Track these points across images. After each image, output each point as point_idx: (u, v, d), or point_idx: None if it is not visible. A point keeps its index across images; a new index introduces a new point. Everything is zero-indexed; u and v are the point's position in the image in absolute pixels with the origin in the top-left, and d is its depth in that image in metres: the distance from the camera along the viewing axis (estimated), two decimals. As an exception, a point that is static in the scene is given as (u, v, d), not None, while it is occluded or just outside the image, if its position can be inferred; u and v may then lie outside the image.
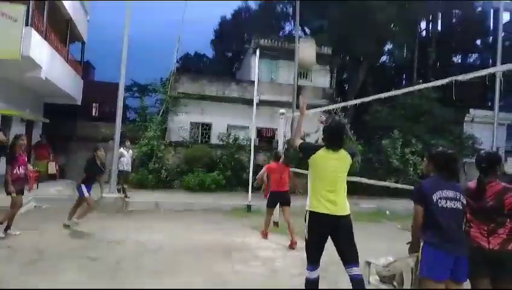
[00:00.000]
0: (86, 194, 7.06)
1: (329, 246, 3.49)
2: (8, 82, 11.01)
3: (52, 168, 13.52)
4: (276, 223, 8.25)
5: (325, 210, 3.36)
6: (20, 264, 4.84)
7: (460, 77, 4.31)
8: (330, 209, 3.36)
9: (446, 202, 2.86)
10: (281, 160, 7.20)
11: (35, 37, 9.59)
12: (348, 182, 3.62)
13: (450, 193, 2.88)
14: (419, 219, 2.93)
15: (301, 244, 6.41)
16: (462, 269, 2.81)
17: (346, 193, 3.53)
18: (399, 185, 7.25)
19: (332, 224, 3.37)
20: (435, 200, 2.86)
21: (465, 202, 2.92)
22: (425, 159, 3.34)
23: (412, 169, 14.43)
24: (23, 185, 6.45)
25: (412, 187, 3.68)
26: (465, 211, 2.96)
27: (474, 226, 2.96)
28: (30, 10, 9.47)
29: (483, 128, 18.55)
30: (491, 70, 4.64)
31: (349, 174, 3.70)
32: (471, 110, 19.98)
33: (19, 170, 6.25)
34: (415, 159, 14.45)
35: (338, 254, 3.45)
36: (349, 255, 3.38)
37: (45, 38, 10.58)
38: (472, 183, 3.08)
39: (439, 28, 28.44)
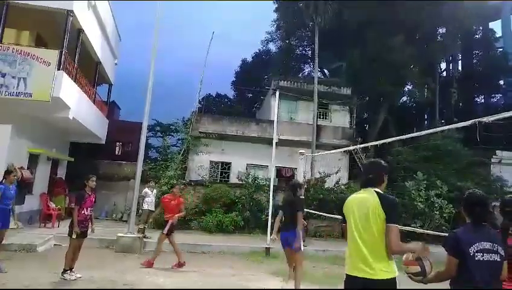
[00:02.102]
0: None
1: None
2: (37, 121, 11.48)
3: (68, 204, 13.70)
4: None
5: (353, 272, 2.72)
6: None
7: (485, 119, 4.19)
8: (360, 271, 2.68)
9: (483, 255, 2.63)
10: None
11: (66, 80, 10.07)
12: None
13: (487, 245, 2.67)
14: (452, 271, 2.69)
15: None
16: None
17: (383, 250, 2.68)
18: (425, 231, 6.94)
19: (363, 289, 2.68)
20: (471, 254, 2.63)
21: (503, 253, 2.69)
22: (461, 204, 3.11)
23: (437, 213, 13.84)
24: (86, 227, 6.41)
25: (439, 233, 3.43)
26: (503, 263, 2.73)
27: (507, 279, 2.81)
28: (63, 55, 10.01)
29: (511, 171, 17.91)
30: (515, 112, 4.53)
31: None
32: (498, 152, 19.36)
33: (86, 211, 6.30)
34: (441, 202, 13.89)
35: None
36: None
37: (75, 81, 11.09)
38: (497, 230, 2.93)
39: (459, 68, 28.47)
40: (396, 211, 2.84)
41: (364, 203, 2.80)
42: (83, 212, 6.21)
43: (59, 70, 9.78)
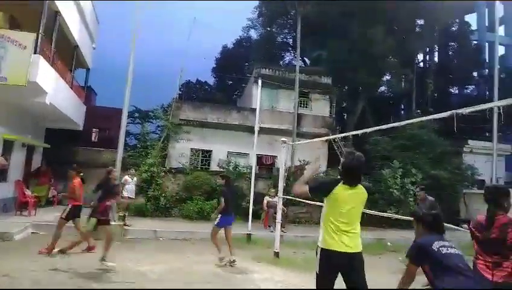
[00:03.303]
0: None
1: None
2: (11, 107, 11.09)
3: (52, 193, 13.51)
4: (276, 254, 8.15)
5: (339, 248, 3.22)
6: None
7: (461, 111, 4.36)
8: (345, 247, 3.22)
9: (448, 249, 2.79)
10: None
11: (43, 64, 9.74)
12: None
13: (446, 243, 2.84)
14: (413, 276, 2.86)
15: (303, 278, 6.35)
16: None
17: (359, 229, 3.39)
18: (399, 216, 7.23)
19: (345, 262, 3.22)
20: (436, 249, 2.78)
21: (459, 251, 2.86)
22: (412, 221, 3.29)
23: (412, 199, 14.36)
24: (108, 216, 6.73)
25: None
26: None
27: (480, 258, 2.97)
28: (39, 38, 9.68)
29: (482, 159, 18.70)
30: (490, 105, 4.76)
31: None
32: (470, 141, 20.15)
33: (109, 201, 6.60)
34: (415, 190, 14.39)
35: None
36: None
37: (52, 65, 10.76)
38: (481, 217, 3.12)
39: (436, 59, 29.19)
40: None
41: (361, 198, 3.43)
42: (106, 203, 6.47)
43: (35, 54, 9.46)
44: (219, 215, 7.38)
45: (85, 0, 14.13)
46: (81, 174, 7.88)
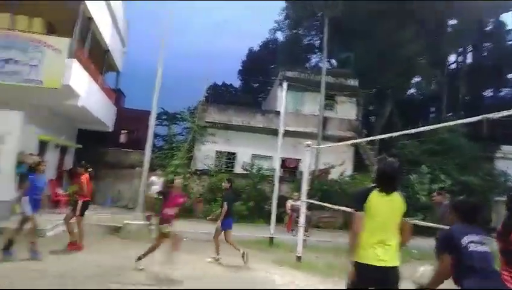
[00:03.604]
0: None
1: None
2: (46, 109, 11.65)
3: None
4: (298, 258, 8.13)
5: (373, 262, 3.00)
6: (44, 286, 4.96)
7: (492, 115, 4.20)
8: (379, 260, 3.00)
9: (476, 245, 2.79)
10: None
11: (76, 68, 10.18)
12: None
13: (477, 237, 2.83)
14: (447, 269, 2.84)
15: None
16: None
17: (397, 241, 3.14)
18: (426, 223, 7.02)
19: (379, 277, 3.01)
20: (464, 244, 2.79)
21: (491, 245, 2.87)
22: (449, 209, 3.29)
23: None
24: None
25: (441, 225, 3.54)
26: (493, 254, 2.88)
27: (503, 269, 2.88)
28: (74, 43, 10.12)
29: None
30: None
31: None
32: (503, 147, 19.32)
33: (170, 210, 6.38)
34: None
35: None
36: None
37: (84, 69, 11.21)
38: (500, 225, 3.04)
39: (469, 60, 28.16)
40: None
41: (395, 205, 3.17)
42: (168, 212, 6.32)
43: (69, 58, 9.90)
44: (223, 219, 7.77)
45: (117, 5, 14.62)
46: (90, 170, 8.12)
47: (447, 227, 3.16)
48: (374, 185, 3.23)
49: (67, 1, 10.68)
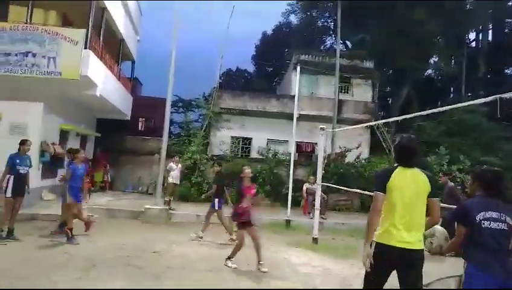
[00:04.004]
0: None
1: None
2: (66, 99, 11.97)
3: (107, 178, 14.74)
4: (315, 240, 8.25)
5: (396, 243, 2.89)
6: (75, 270, 5.23)
7: (506, 95, 4.11)
8: (405, 243, 2.88)
9: (490, 223, 2.81)
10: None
11: (93, 58, 10.40)
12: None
13: (494, 214, 2.83)
14: (460, 238, 2.92)
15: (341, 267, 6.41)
16: None
17: (423, 224, 3.01)
18: (445, 205, 7.02)
19: (402, 259, 2.90)
20: (478, 221, 2.82)
21: (511, 223, 2.84)
22: (470, 178, 3.29)
23: (460, 188, 13.75)
24: (247, 218, 6.09)
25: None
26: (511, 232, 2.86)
27: None
28: (89, 34, 10.29)
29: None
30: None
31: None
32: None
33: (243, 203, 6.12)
34: (463, 177, 13.77)
35: (400, 287, 2.99)
36: None
37: (100, 59, 11.42)
38: None
39: (489, 38, 27.20)
40: (436, 187, 3.14)
41: (417, 181, 3.01)
42: (243, 205, 6.06)
43: (86, 49, 10.09)
44: (216, 199, 8.26)
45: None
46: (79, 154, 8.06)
47: (454, 206, 3.18)
48: (395, 165, 3.15)
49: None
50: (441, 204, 3.24)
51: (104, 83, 11.64)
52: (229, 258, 6.09)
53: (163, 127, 11.16)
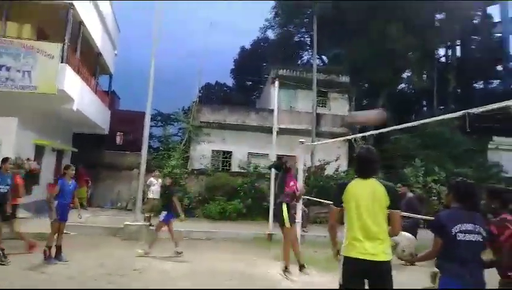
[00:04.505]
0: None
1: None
2: (41, 114, 11.68)
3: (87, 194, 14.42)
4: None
5: (359, 255, 2.90)
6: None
7: (473, 110, 4.28)
8: (366, 253, 2.89)
9: (465, 235, 2.88)
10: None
11: (69, 72, 10.24)
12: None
13: (469, 226, 2.90)
14: (437, 250, 2.99)
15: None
16: None
17: (387, 234, 3.01)
18: (422, 216, 7.21)
19: (368, 270, 2.90)
20: (453, 233, 2.88)
21: (485, 234, 2.94)
22: (446, 189, 3.42)
23: (436, 198, 14.18)
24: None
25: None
26: (485, 243, 2.97)
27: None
28: (65, 47, 10.15)
29: (509, 156, 18.15)
30: (508, 103, 4.74)
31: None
32: (495, 138, 19.62)
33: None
34: (439, 188, 14.22)
35: None
36: None
37: (77, 73, 11.25)
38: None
39: (458, 54, 28.50)
40: (398, 199, 3.20)
41: (373, 191, 3.01)
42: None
43: (62, 63, 9.94)
44: (165, 212, 8.03)
45: (106, 9, 14.63)
46: (22, 171, 7.79)
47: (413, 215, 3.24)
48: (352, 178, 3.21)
49: (57, 6, 10.67)
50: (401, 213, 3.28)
51: (81, 97, 11.46)
52: (286, 269, 6.03)
53: (142, 141, 11.03)
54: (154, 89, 11.51)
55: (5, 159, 6.83)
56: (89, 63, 13.65)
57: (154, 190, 11.55)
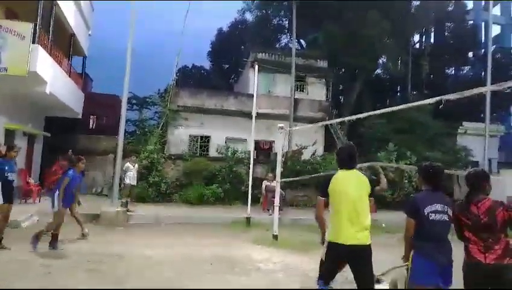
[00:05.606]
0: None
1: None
2: (11, 97, 11.21)
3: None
4: (275, 236, 8.48)
5: (344, 240, 3.25)
6: (32, 278, 5.02)
7: (448, 97, 4.46)
8: (351, 238, 3.23)
9: (435, 215, 3.17)
10: None
11: (42, 54, 9.84)
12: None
13: (439, 207, 3.19)
14: (411, 230, 3.26)
15: (305, 259, 6.67)
16: (448, 275, 3.16)
17: (369, 220, 3.37)
18: (394, 198, 7.53)
19: (352, 254, 3.26)
20: (425, 214, 3.16)
21: (451, 214, 3.22)
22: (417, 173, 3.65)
23: (407, 181, 14.72)
24: None
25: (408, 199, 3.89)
26: (451, 223, 3.25)
27: (472, 243, 3.12)
28: (37, 28, 9.73)
29: (476, 140, 18.97)
30: (481, 89, 4.98)
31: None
32: (465, 123, 20.42)
33: None
34: (410, 172, 14.73)
35: (354, 278, 3.37)
36: (364, 284, 3.31)
37: (50, 54, 10.83)
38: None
39: (431, 41, 29.14)
40: (373, 187, 3.52)
41: (359, 181, 3.42)
42: None
43: (34, 43, 9.54)
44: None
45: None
46: None
47: None
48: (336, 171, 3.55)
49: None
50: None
51: (54, 79, 11.07)
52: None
53: (116, 125, 10.85)
54: (130, 72, 11.25)
55: (11, 147, 6.74)
56: (62, 43, 13.14)
57: (131, 176, 11.48)
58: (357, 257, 3.27)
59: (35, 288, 4.32)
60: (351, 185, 3.37)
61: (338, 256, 3.36)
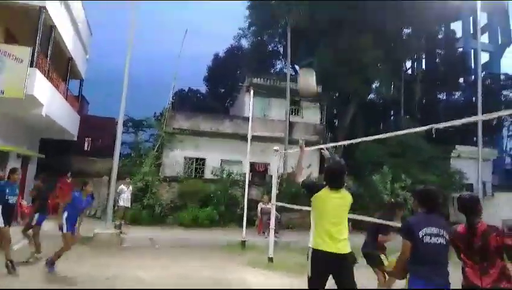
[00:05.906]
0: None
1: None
2: (6, 118, 11.22)
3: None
4: (270, 259, 8.39)
5: (327, 248, 3.46)
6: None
7: (438, 126, 4.54)
8: (332, 247, 3.46)
9: (430, 238, 3.14)
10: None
11: (39, 77, 9.94)
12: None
13: (434, 229, 3.17)
14: (407, 253, 3.22)
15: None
16: None
17: (348, 232, 3.63)
18: (390, 222, 7.49)
19: (334, 262, 3.44)
20: (420, 237, 3.13)
21: (448, 238, 3.18)
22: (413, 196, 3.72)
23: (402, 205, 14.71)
24: None
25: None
26: (449, 246, 3.21)
27: (468, 266, 3.11)
28: (35, 52, 9.88)
29: (469, 164, 19.13)
30: (472, 119, 5.16)
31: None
32: (458, 146, 20.66)
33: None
34: (405, 194, 14.79)
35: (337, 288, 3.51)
36: None
37: (47, 77, 10.94)
38: (460, 228, 3.21)
39: (423, 67, 29.88)
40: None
41: (344, 201, 3.67)
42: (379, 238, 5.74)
43: (32, 67, 9.66)
44: (37, 215, 7.69)
45: (79, 13, 14.35)
46: None
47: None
48: (325, 183, 3.72)
49: (28, 9, 10.36)
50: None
51: (51, 102, 11.13)
52: None
53: (112, 147, 10.85)
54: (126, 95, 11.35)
55: (13, 170, 6.71)
56: (60, 67, 13.29)
57: (125, 198, 11.41)
58: (339, 266, 3.43)
59: (35, 288, 4.22)
60: (334, 202, 3.59)
61: (321, 264, 3.47)
